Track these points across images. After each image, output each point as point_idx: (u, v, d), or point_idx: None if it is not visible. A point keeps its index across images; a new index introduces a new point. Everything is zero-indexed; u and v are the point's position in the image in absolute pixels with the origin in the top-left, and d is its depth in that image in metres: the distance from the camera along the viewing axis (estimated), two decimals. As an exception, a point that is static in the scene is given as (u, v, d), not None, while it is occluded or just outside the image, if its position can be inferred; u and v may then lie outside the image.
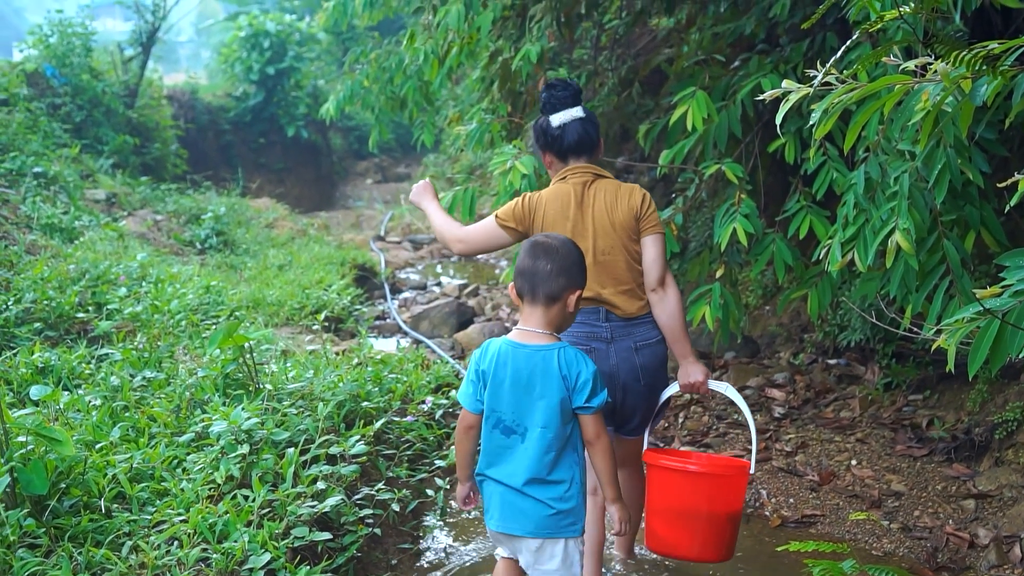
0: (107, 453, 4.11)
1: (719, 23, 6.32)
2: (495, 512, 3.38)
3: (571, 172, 4.21)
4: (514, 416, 3.31)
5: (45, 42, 15.24)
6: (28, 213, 9.12)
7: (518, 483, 3.29)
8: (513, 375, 3.29)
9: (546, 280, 3.30)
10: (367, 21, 8.19)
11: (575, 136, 4.21)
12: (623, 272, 4.12)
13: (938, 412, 5.55)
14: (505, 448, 3.34)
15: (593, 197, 4.17)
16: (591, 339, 4.05)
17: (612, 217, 4.13)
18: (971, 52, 2.54)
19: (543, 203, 4.17)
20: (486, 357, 3.36)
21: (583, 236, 4.06)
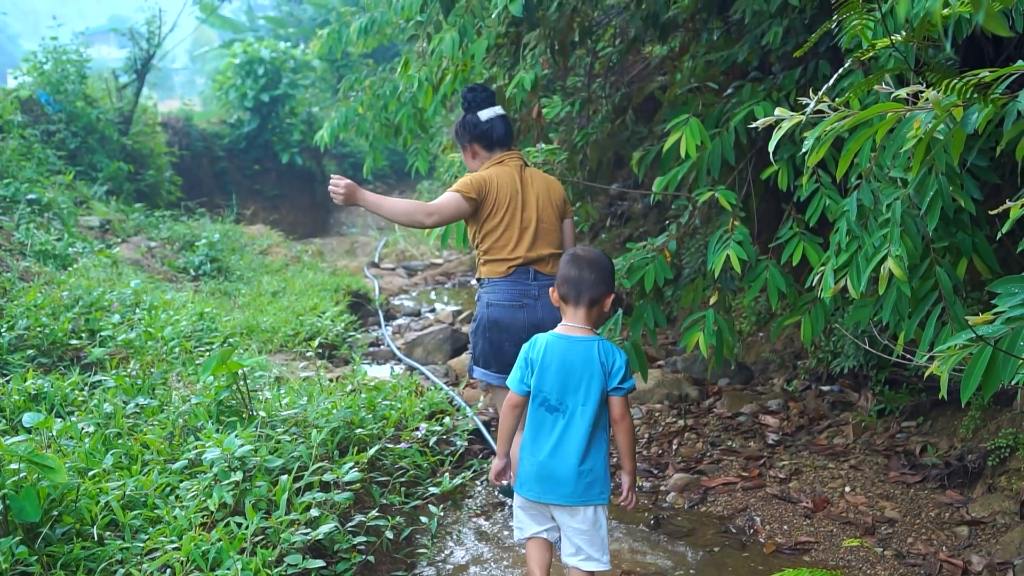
0: (100, 480, 4.10)
1: (712, 51, 6.35)
2: (532, 483, 3.89)
3: (508, 157, 5.07)
4: (559, 396, 3.87)
5: (40, 69, 15.28)
6: (22, 240, 9.12)
7: (557, 457, 3.84)
8: (560, 362, 3.86)
9: (590, 288, 3.91)
10: (361, 48, 8.23)
11: (502, 129, 5.10)
12: (554, 242, 5.02)
13: (931, 439, 5.55)
14: (547, 424, 3.88)
15: (531, 178, 5.07)
16: (524, 296, 4.90)
17: (550, 196, 5.05)
18: (962, 80, 2.56)
19: (495, 179, 4.95)
20: (535, 348, 3.92)
21: (528, 207, 4.96)
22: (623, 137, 7.75)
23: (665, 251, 5.01)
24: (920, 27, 3.27)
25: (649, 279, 4.86)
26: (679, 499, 5.34)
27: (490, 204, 4.92)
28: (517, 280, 4.91)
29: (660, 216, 9.51)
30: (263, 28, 31.62)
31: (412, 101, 7.80)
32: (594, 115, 7.97)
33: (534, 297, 4.89)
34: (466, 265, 13.74)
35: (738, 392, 6.86)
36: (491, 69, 7.54)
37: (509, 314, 4.90)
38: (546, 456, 3.85)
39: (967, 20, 3.40)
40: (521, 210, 4.94)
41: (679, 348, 7.17)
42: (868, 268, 3.54)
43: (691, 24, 7.14)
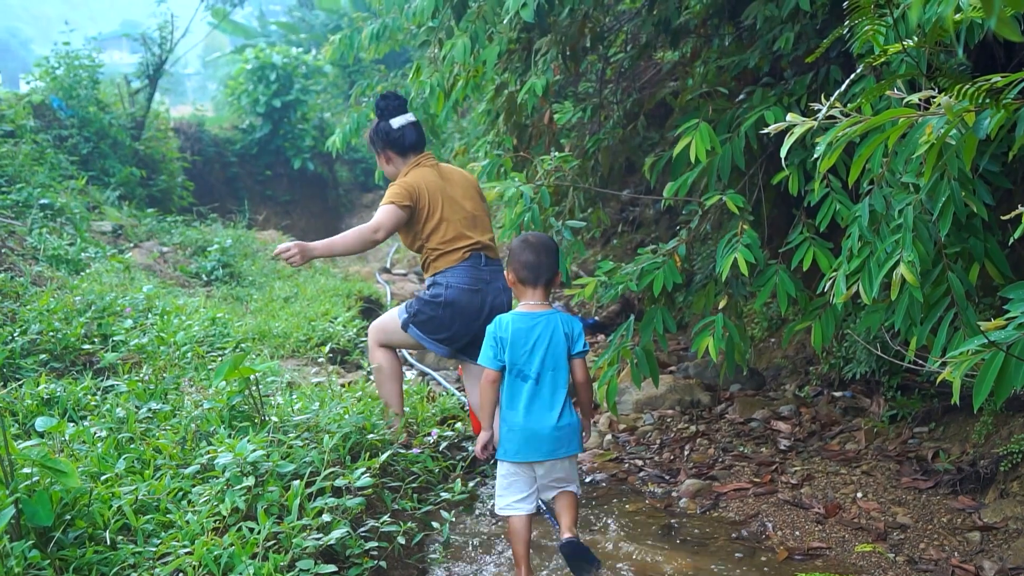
0: (112, 485, 4.11)
1: (723, 56, 6.35)
2: (519, 446, 4.40)
3: (423, 159, 5.60)
4: (530, 366, 4.39)
5: (52, 74, 15.31)
6: (34, 244, 9.14)
7: (535, 419, 4.37)
8: (526, 336, 4.41)
9: (547, 270, 4.50)
10: (373, 54, 8.25)
11: (413, 136, 5.61)
12: (488, 226, 5.55)
13: (943, 444, 5.54)
14: (523, 392, 4.40)
15: (448, 172, 5.64)
16: (478, 281, 5.43)
17: (470, 185, 5.63)
18: (974, 85, 2.56)
19: (420, 182, 5.46)
20: (502, 327, 4.43)
21: (457, 198, 5.50)
22: (635, 143, 7.75)
23: (675, 256, 5.02)
24: (932, 32, 3.27)
25: (658, 283, 4.87)
26: (691, 505, 5.33)
27: (424, 206, 5.44)
28: (472, 265, 5.46)
29: (671, 222, 9.51)
30: (275, 34, 31.67)
31: (423, 107, 7.81)
32: (605, 121, 7.97)
33: (486, 282, 5.47)
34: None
35: (750, 398, 6.85)
36: (502, 75, 7.55)
37: (467, 297, 5.42)
38: (525, 419, 4.39)
39: (979, 25, 3.40)
40: (456, 201, 5.50)
41: (691, 354, 7.17)
42: (880, 273, 3.54)
43: (702, 30, 7.14)
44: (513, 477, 4.48)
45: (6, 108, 13.26)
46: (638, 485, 5.66)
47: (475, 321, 5.39)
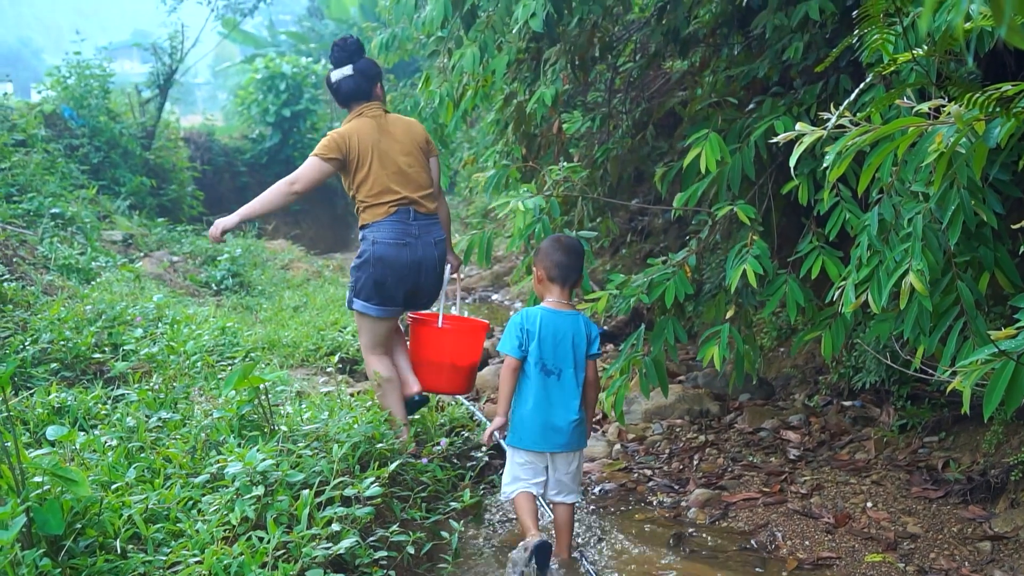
0: (123, 494, 4.11)
1: (733, 66, 6.35)
2: (537, 436, 4.72)
3: (367, 108, 5.65)
4: (554, 361, 4.71)
5: (63, 84, 15.39)
6: (45, 254, 9.17)
7: (557, 412, 4.70)
8: (553, 332, 4.72)
9: (576, 272, 4.81)
10: (383, 64, 8.25)
11: (349, 87, 5.66)
12: (424, 179, 5.63)
13: (953, 454, 5.53)
14: (546, 384, 4.71)
15: (391, 124, 5.64)
16: (405, 235, 5.49)
17: (411, 139, 5.63)
18: (984, 94, 2.56)
19: (353, 133, 5.54)
20: (530, 319, 4.73)
21: (391, 152, 5.54)
22: (643, 152, 7.75)
23: (685, 266, 5.01)
24: (942, 41, 3.27)
25: (670, 294, 4.86)
26: (700, 515, 5.32)
27: (355, 157, 5.51)
28: (399, 219, 5.50)
29: (680, 231, 9.51)
30: (285, 43, 31.79)
31: (433, 116, 7.83)
32: (614, 130, 7.98)
33: (415, 236, 5.52)
34: (487, 280, 13.74)
35: (759, 407, 6.84)
36: (512, 84, 7.56)
37: (394, 252, 5.47)
38: (548, 411, 4.71)
39: (989, 34, 3.40)
40: (389, 154, 5.53)
41: (700, 363, 7.16)
42: (889, 282, 3.54)
43: (712, 39, 7.14)
44: (529, 465, 4.80)
45: (18, 118, 13.32)
46: (647, 495, 5.66)
47: (408, 274, 5.52)
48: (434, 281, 5.73)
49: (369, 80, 5.70)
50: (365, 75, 5.68)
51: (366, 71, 5.70)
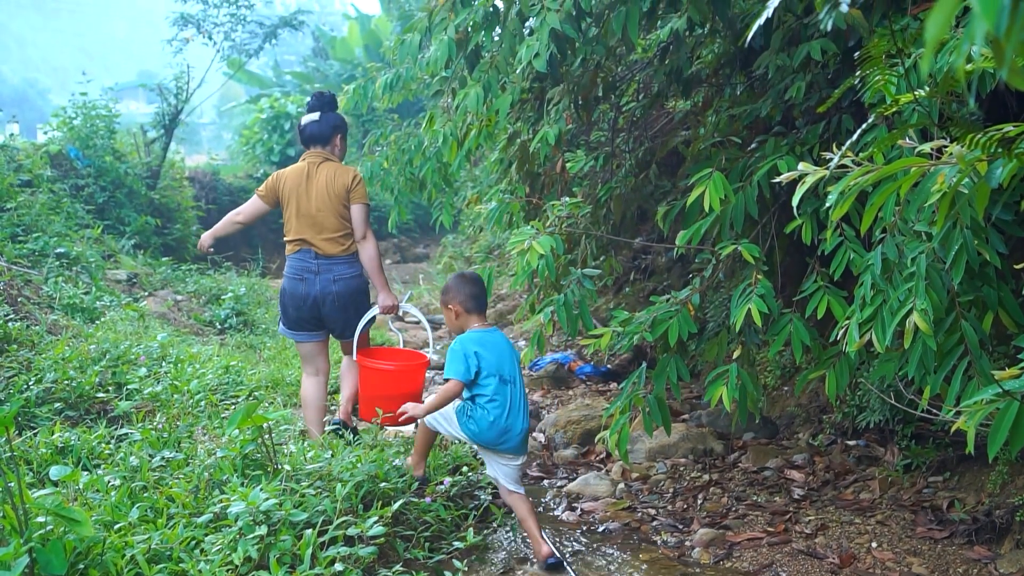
0: (126, 534, 4.11)
1: (735, 105, 6.37)
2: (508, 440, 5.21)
3: (309, 155, 6.47)
4: (510, 371, 5.26)
5: (69, 124, 15.47)
6: (50, 293, 9.19)
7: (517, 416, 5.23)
8: (498, 348, 5.28)
9: (485, 300, 5.50)
10: (387, 104, 8.28)
11: (307, 132, 6.48)
12: (330, 225, 6.30)
13: (958, 494, 5.51)
14: (508, 394, 5.21)
15: (319, 172, 6.35)
16: (304, 271, 6.30)
17: (329, 188, 6.29)
18: (986, 135, 2.57)
19: (284, 176, 6.42)
20: (472, 344, 5.22)
21: (307, 198, 6.29)
22: (647, 191, 7.76)
23: (689, 305, 5.01)
24: (943, 82, 3.29)
25: (673, 333, 4.86)
26: (704, 554, 5.30)
27: (282, 196, 6.41)
28: (300, 258, 6.34)
29: (684, 270, 9.51)
30: (290, 83, 31.95)
31: (437, 156, 7.85)
32: (618, 169, 7.99)
33: (314, 272, 6.28)
34: (491, 318, 13.74)
35: (763, 446, 6.82)
36: (515, 124, 7.58)
37: (291, 285, 6.38)
38: (510, 418, 5.19)
39: (991, 75, 3.42)
40: (303, 200, 6.30)
41: (703, 402, 7.15)
42: (893, 322, 3.54)
43: (714, 79, 7.18)
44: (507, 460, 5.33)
45: (24, 158, 13.39)
46: (651, 534, 5.64)
47: (304, 304, 6.33)
48: (338, 314, 6.39)
49: (330, 129, 6.52)
50: (328, 123, 6.50)
51: (330, 121, 6.51)
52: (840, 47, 5.18)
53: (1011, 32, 1.13)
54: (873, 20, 4.59)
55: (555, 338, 10.71)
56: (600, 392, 8.96)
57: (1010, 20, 1.12)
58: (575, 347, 10.42)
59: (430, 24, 6.54)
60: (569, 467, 6.90)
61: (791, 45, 5.52)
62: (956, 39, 3.40)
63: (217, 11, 18.84)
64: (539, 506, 6.07)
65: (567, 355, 9.97)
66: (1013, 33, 1.13)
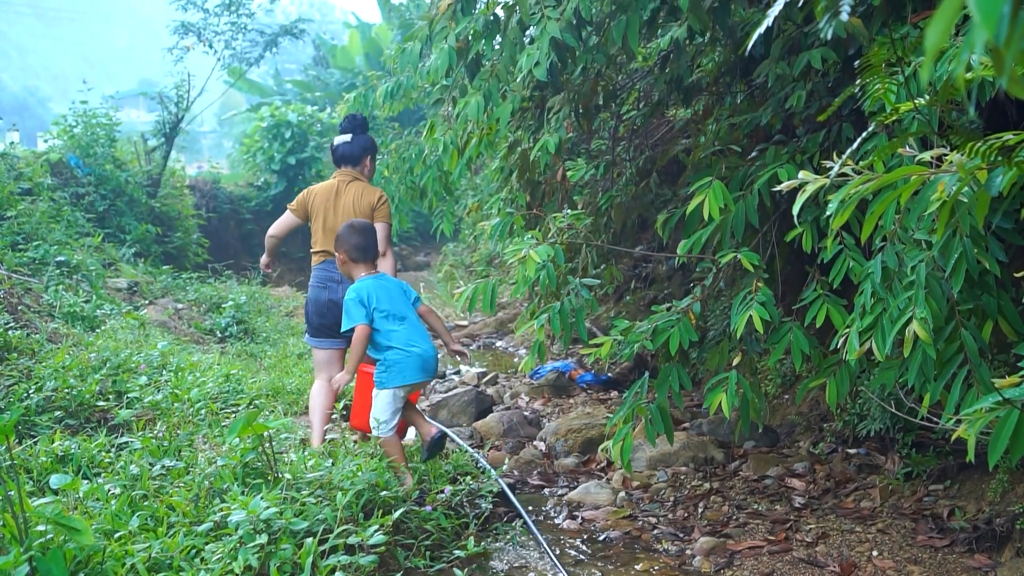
0: (126, 542, 4.10)
1: (736, 114, 6.38)
2: (415, 370, 5.77)
3: (339, 174, 6.84)
4: (399, 310, 5.84)
5: (70, 132, 15.48)
6: (50, 301, 9.19)
7: (427, 345, 5.86)
8: (386, 290, 5.88)
9: (372, 249, 6.01)
10: (388, 112, 8.30)
11: (339, 152, 6.89)
12: None
13: (959, 502, 5.50)
14: (406, 328, 5.81)
15: (347, 190, 6.73)
16: (328, 280, 6.64)
17: (356, 205, 6.66)
18: (986, 143, 2.57)
19: (315, 192, 6.84)
20: (362, 291, 5.79)
21: (335, 213, 6.68)
22: (647, 200, 7.78)
23: (690, 313, 5.02)
24: (943, 91, 3.29)
25: (674, 342, 4.86)
26: (705, 563, 5.30)
27: (312, 211, 6.81)
28: (325, 268, 6.70)
29: (684, 278, 9.51)
30: (290, 92, 32.00)
31: (437, 164, 7.87)
32: (618, 178, 8.01)
33: (337, 282, 6.56)
34: (491, 327, 13.74)
35: (764, 455, 6.82)
36: (516, 132, 7.60)
37: (316, 293, 6.72)
38: (423, 347, 5.81)
39: (990, 84, 3.42)
40: (331, 214, 6.69)
41: (704, 410, 7.15)
42: (893, 330, 3.54)
43: (715, 87, 7.19)
44: (398, 403, 5.81)
45: (24, 166, 13.40)
46: (652, 543, 5.63)
47: (326, 312, 6.62)
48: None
49: (360, 150, 6.88)
50: (358, 145, 6.86)
51: (360, 143, 6.87)
52: (840, 56, 5.19)
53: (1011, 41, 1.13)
54: (873, 29, 4.60)
55: (556, 346, 10.71)
56: (601, 401, 8.96)
57: (1010, 29, 1.12)
58: (576, 356, 10.42)
59: (431, 33, 6.55)
60: (570, 476, 6.89)
61: (791, 54, 5.54)
62: (956, 48, 3.41)
63: (218, 20, 18.85)
64: (540, 515, 6.07)
65: (568, 363, 9.98)
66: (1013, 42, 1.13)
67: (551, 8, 5.71)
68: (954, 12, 1.16)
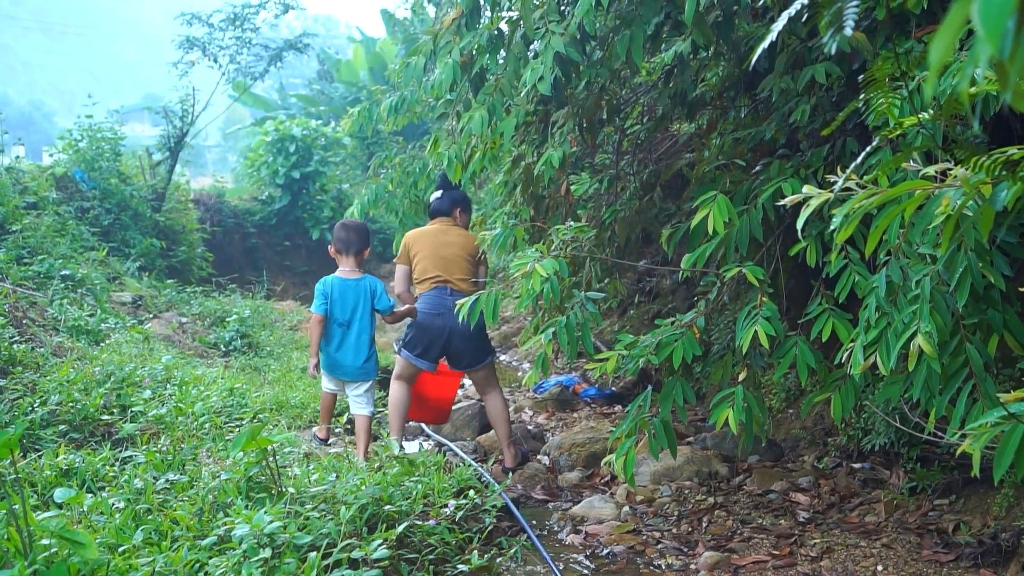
0: (130, 556, 4.10)
1: (740, 128, 6.38)
2: (340, 370, 6.90)
3: (438, 222, 7.47)
4: (345, 316, 6.81)
5: (75, 146, 15.50)
6: (55, 315, 9.20)
7: (347, 356, 6.85)
8: (343, 293, 6.82)
9: (355, 243, 6.92)
10: (391, 126, 8.31)
11: (433, 207, 7.57)
12: (461, 269, 7.28)
13: (964, 517, 5.49)
14: (340, 334, 6.85)
15: (450, 233, 7.39)
16: (441, 307, 7.11)
17: (461, 242, 7.33)
18: (990, 157, 2.57)
19: (414, 237, 7.43)
20: (327, 285, 6.86)
21: (442, 246, 7.28)
22: (651, 214, 7.77)
23: (694, 327, 5.01)
24: (947, 105, 3.30)
25: (678, 356, 4.86)
26: (710, 578, 5.29)
27: (414, 253, 7.36)
28: (437, 295, 7.20)
29: (688, 292, 9.50)
30: (295, 106, 32.04)
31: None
32: (622, 192, 8.00)
33: (450, 308, 6.83)
34: (495, 341, 13.73)
35: (768, 469, 6.81)
36: (520, 147, 7.61)
37: (429, 320, 7.19)
38: (343, 353, 6.86)
39: (994, 98, 3.42)
40: (438, 247, 7.27)
41: (708, 425, 7.14)
42: (898, 344, 3.53)
43: (718, 102, 7.19)
44: (325, 378, 7.06)
45: (29, 180, 13.42)
46: (656, 557, 5.62)
47: (438, 338, 7.19)
48: (466, 344, 7.23)
49: (449, 203, 7.49)
50: (448, 199, 7.49)
51: (449, 197, 7.51)
52: (844, 70, 5.19)
53: (1015, 55, 1.13)
54: (877, 43, 4.60)
55: (560, 360, 10.71)
56: (605, 415, 8.95)
57: (1014, 44, 1.12)
58: (579, 369, 10.41)
59: (435, 47, 6.56)
60: (574, 490, 6.89)
61: (795, 68, 5.54)
62: (960, 62, 3.41)
63: (223, 34, 18.89)
64: (544, 529, 6.07)
65: (572, 377, 9.97)
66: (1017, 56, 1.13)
67: (555, 23, 5.72)
68: (958, 27, 1.16)
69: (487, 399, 7.49)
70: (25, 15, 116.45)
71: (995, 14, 1.08)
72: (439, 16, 6.81)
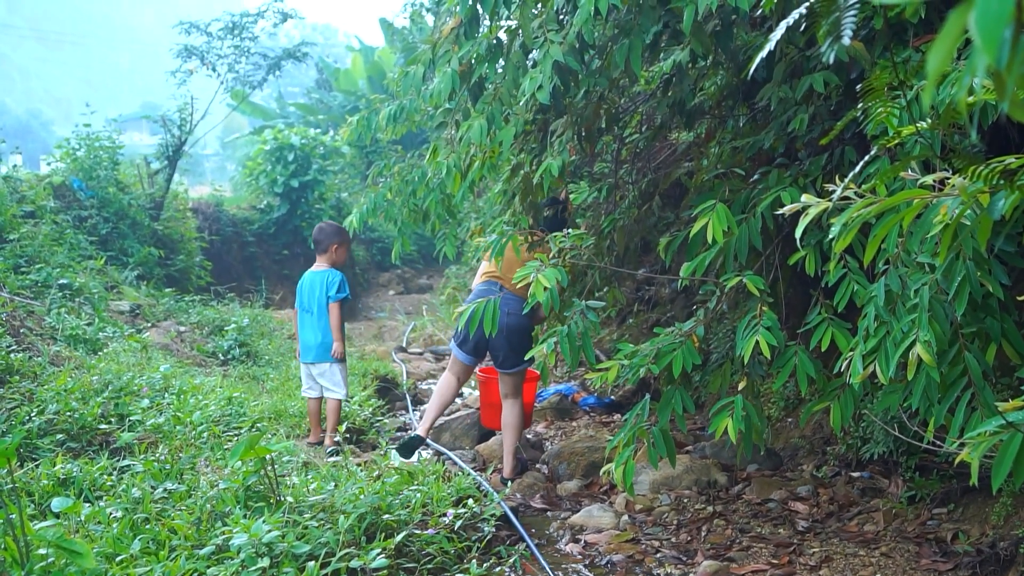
0: (127, 566, 4.10)
1: (738, 137, 6.38)
2: (305, 351, 7.97)
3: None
4: (307, 303, 7.97)
5: (73, 155, 15.50)
6: (53, 324, 9.19)
7: (308, 336, 7.94)
8: (308, 284, 7.99)
9: (323, 241, 8.09)
10: (390, 135, 8.30)
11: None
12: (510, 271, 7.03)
13: (963, 526, 5.49)
14: (303, 319, 8.01)
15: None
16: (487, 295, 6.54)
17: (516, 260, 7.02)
18: (988, 167, 2.57)
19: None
20: (300, 281, 8.04)
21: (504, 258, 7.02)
22: (650, 222, 7.77)
23: (693, 336, 5.01)
24: (945, 114, 3.30)
25: (677, 364, 4.85)
26: (709, 587, 5.28)
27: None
28: (487, 286, 7.37)
29: (687, 301, 9.50)
30: (293, 115, 32.11)
31: (440, 187, 7.86)
32: (621, 200, 8.00)
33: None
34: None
35: (767, 478, 6.81)
36: (518, 155, 7.60)
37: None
38: (304, 336, 7.98)
39: (992, 107, 3.43)
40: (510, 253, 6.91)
41: (707, 434, 7.14)
42: (897, 353, 3.53)
43: (717, 111, 7.19)
44: (303, 376, 8.08)
45: (27, 189, 13.42)
46: (655, 566, 5.62)
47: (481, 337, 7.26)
48: (502, 342, 7.19)
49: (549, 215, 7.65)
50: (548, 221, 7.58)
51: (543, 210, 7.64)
52: (842, 79, 5.19)
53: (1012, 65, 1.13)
54: (875, 52, 4.61)
55: (559, 369, 10.70)
56: (604, 423, 8.95)
57: (1011, 53, 1.12)
58: (578, 378, 10.41)
59: (434, 56, 6.56)
60: (573, 499, 6.88)
61: (793, 77, 5.54)
62: (958, 71, 3.41)
63: (221, 43, 18.90)
64: (543, 538, 6.06)
65: (571, 386, 9.97)
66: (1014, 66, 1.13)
67: (554, 32, 5.72)
68: (956, 36, 1.16)
69: (505, 404, 7.43)
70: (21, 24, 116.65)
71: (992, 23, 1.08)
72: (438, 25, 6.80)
